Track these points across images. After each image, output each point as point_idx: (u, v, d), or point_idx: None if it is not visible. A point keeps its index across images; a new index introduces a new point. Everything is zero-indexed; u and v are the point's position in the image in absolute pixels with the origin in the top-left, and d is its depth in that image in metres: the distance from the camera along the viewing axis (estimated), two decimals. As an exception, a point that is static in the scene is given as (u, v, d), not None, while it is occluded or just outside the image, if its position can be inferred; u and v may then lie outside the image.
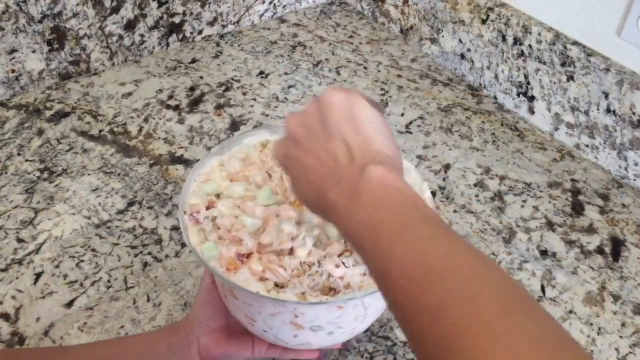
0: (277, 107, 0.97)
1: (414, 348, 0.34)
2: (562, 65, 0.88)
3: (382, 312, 0.58)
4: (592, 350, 0.67)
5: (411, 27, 1.11)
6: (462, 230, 0.79)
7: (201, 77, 1.02)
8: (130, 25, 1.01)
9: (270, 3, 1.16)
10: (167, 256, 0.73)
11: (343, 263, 0.52)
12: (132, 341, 0.58)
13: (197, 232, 0.53)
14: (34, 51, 0.93)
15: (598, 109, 0.85)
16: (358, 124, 0.42)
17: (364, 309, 0.53)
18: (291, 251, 0.53)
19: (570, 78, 0.87)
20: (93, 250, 0.73)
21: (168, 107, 0.96)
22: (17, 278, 0.70)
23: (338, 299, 0.50)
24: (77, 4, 0.93)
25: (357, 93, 0.44)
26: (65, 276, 0.70)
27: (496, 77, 0.99)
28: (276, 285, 0.51)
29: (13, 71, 0.93)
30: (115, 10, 0.97)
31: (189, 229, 0.54)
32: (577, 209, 0.83)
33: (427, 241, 0.35)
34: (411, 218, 0.37)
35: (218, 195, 0.57)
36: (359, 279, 0.51)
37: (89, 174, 0.83)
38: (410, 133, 0.93)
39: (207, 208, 0.55)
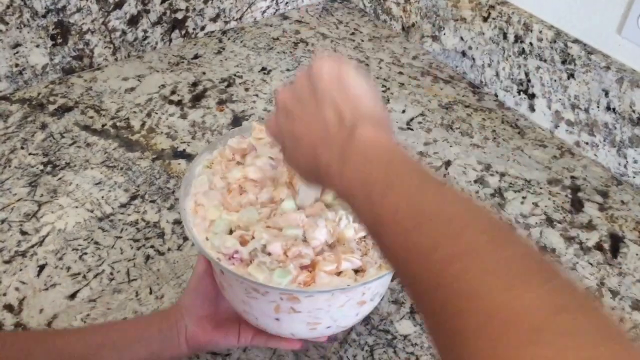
0: (279, 103, 0.97)
1: (408, 291, 0.36)
2: (563, 63, 0.88)
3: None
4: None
5: (413, 25, 1.12)
6: (462, 226, 0.79)
7: (204, 73, 1.03)
8: (133, 21, 1.01)
9: (272, 0, 1.16)
10: (169, 249, 0.74)
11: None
12: (124, 326, 0.59)
13: (257, 268, 0.51)
14: (37, 46, 0.94)
15: (598, 107, 0.86)
16: (347, 89, 0.43)
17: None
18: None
19: (571, 76, 0.88)
20: (96, 243, 0.74)
21: (171, 102, 0.96)
22: (20, 270, 0.70)
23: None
24: (81, -1, 0.93)
25: (344, 59, 0.46)
26: (68, 268, 0.71)
27: (497, 74, 0.99)
28: (356, 272, 0.52)
29: (17, 65, 0.94)
30: (119, 5, 0.98)
31: (239, 270, 0.52)
32: (577, 205, 0.83)
33: (416, 190, 0.37)
34: (400, 171, 0.38)
35: (231, 231, 0.55)
36: None
37: (92, 168, 0.84)
38: (412, 130, 0.94)
39: (242, 244, 0.53)
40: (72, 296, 0.68)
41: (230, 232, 0.55)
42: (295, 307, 0.52)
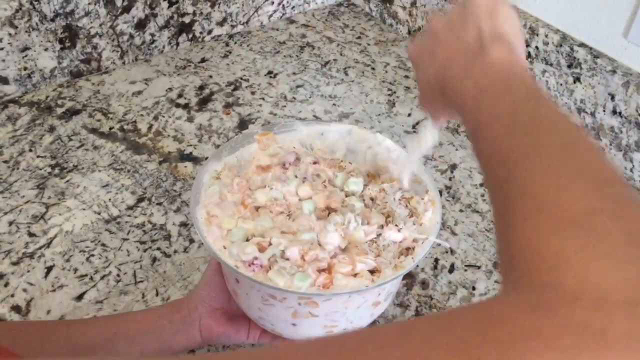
0: (285, 106, 0.98)
1: (488, 179, 0.38)
2: (569, 67, 0.88)
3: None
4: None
5: (419, 29, 1.12)
6: (468, 229, 0.80)
7: (210, 77, 1.03)
8: (141, 25, 1.02)
9: (279, 4, 1.17)
10: (175, 251, 0.74)
11: (397, 226, 0.55)
12: (136, 317, 0.59)
13: (278, 273, 0.51)
14: (46, 49, 0.94)
15: (604, 111, 0.86)
16: (496, 18, 0.46)
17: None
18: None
19: (577, 80, 0.88)
20: (103, 245, 0.74)
21: (177, 105, 0.97)
22: (28, 271, 0.71)
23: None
24: (89, 3, 0.94)
25: None
26: (75, 270, 0.71)
27: (503, 78, 0.99)
28: (371, 272, 0.53)
29: (25, 69, 0.94)
30: (127, 9, 0.99)
31: (259, 277, 0.52)
32: (583, 209, 0.83)
33: (518, 102, 0.39)
34: (512, 85, 0.40)
35: (247, 239, 0.56)
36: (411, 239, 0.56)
37: (99, 171, 0.84)
38: (417, 133, 0.94)
39: (260, 251, 0.53)
40: (79, 297, 0.69)
41: (247, 240, 0.55)
42: (313, 312, 0.53)
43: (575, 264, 0.26)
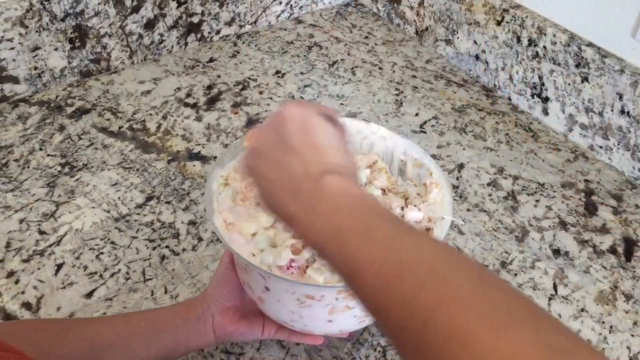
0: (293, 106, 0.98)
1: (394, 342, 0.34)
2: (577, 66, 0.88)
3: None
4: (603, 348, 0.67)
5: (426, 29, 1.12)
6: (476, 229, 0.80)
7: (219, 76, 1.04)
8: (150, 25, 1.03)
9: (287, 4, 1.17)
10: (184, 249, 0.75)
11: (416, 206, 0.57)
12: (151, 316, 0.60)
13: (316, 271, 0.52)
14: (56, 49, 0.95)
15: (612, 110, 0.86)
16: (312, 137, 0.43)
17: None
18: None
19: (585, 79, 0.88)
20: (112, 243, 0.75)
21: (186, 105, 0.97)
22: (38, 269, 0.72)
23: None
24: (99, 3, 0.95)
25: (313, 107, 0.45)
26: (85, 267, 0.72)
27: (510, 78, 0.99)
28: None
29: (36, 68, 0.95)
30: (136, 9, 0.99)
31: (298, 278, 0.52)
32: (590, 209, 0.83)
33: (391, 238, 0.36)
34: (372, 219, 0.38)
35: (275, 245, 0.56)
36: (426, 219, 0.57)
37: (108, 169, 0.85)
38: (425, 133, 0.94)
39: (295, 253, 0.54)
40: (89, 295, 0.69)
41: (274, 245, 0.55)
42: (349, 305, 0.54)
43: None
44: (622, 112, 0.84)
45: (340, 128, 0.46)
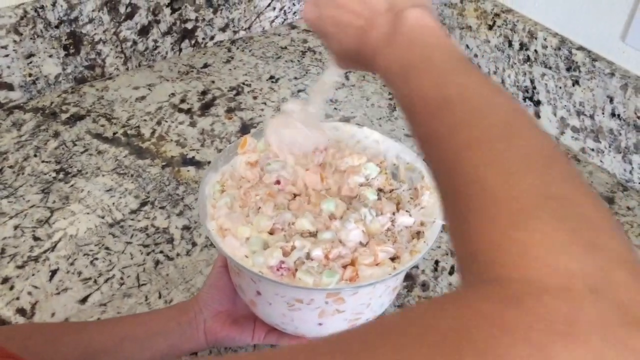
0: (286, 111, 0.99)
1: (432, 170, 0.37)
2: (568, 70, 0.89)
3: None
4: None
5: (419, 33, 1.13)
6: (468, 232, 0.80)
7: (213, 82, 1.04)
8: (144, 31, 1.03)
9: (280, 10, 1.18)
10: (178, 255, 0.75)
11: (407, 211, 0.58)
12: (145, 319, 0.60)
13: (306, 273, 0.52)
14: (50, 56, 0.96)
15: (603, 113, 0.87)
16: None
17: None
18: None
19: (576, 83, 0.89)
20: (107, 248, 0.75)
21: (180, 110, 0.98)
22: (33, 275, 0.72)
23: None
24: (93, 10, 0.95)
25: None
26: (79, 273, 0.72)
27: (503, 82, 1.00)
28: (392, 260, 0.54)
29: (30, 75, 0.96)
30: (130, 16, 1.00)
31: (285, 280, 0.53)
32: (582, 211, 0.84)
33: (447, 75, 0.38)
34: (437, 55, 0.39)
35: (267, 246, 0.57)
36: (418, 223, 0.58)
37: (103, 175, 0.85)
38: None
39: (285, 255, 0.54)
40: (83, 300, 0.70)
41: (266, 247, 0.56)
42: (339, 308, 0.54)
43: (536, 256, 0.27)
44: (613, 114, 0.85)
45: None
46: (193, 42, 1.10)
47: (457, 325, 0.25)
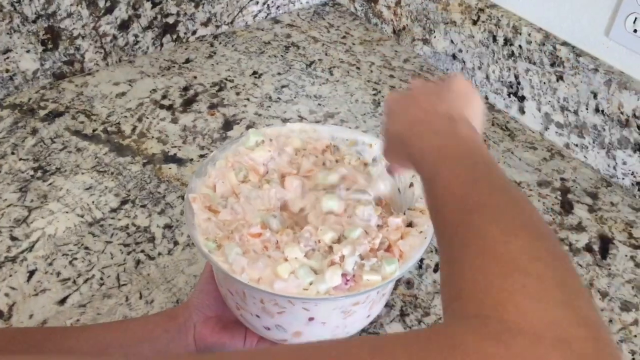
0: (270, 107, 0.98)
1: (441, 235, 0.41)
2: (552, 65, 0.89)
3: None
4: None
5: (403, 28, 1.12)
6: (453, 229, 0.80)
7: (195, 77, 1.03)
8: (124, 26, 1.01)
9: (264, 4, 1.17)
10: (159, 254, 0.74)
11: (401, 214, 0.60)
12: (131, 326, 0.59)
13: (371, 273, 0.53)
14: (28, 51, 0.94)
15: (587, 109, 0.86)
16: (468, 105, 0.51)
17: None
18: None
19: (560, 78, 0.88)
20: (86, 248, 0.74)
21: (162, 106, 0.96)
22: (10, 276, 0.70)
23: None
24: (71, 4, 0.93)
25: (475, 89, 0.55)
26: (58, 274, 0.71)
27: (487, 77, 0.99)
28: (386, 250, 0.56)
29: (7, 71, 0.94)
30: (109, 10, 0.98)
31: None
32: (567, 207, 0.84)
33: (478, 163, 0.43)
34: (474, 151, 0.45)
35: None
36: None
37: (82, 173, 0.84)
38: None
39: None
40: (62, 301, 0.68)
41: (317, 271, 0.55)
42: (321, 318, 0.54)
43: (516, 303, 0.31)
44: (597, 110, 0.85)
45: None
46: (174, 36, 1.09)
47: (445, 354, 0.29)
